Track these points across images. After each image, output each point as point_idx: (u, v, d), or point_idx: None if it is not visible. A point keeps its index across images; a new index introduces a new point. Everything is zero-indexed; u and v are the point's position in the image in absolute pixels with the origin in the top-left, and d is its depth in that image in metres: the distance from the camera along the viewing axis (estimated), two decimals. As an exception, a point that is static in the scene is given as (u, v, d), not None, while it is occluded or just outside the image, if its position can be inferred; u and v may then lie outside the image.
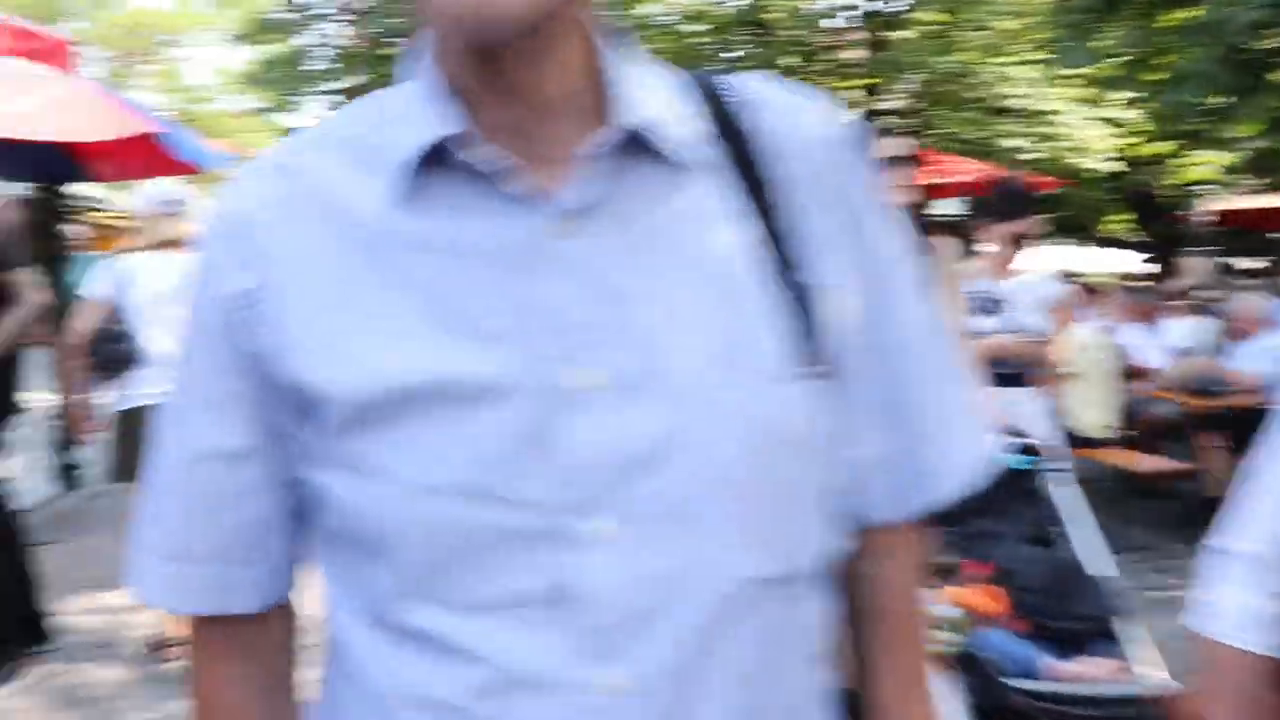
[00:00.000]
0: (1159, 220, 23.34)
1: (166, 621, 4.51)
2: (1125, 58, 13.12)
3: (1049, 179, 15.71)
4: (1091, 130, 16.35)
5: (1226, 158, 17.89)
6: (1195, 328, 7.85)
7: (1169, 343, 7.81)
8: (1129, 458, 6.51)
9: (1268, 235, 22.41)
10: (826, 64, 17.90)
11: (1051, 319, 7.14)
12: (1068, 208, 26.46)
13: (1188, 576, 5.41)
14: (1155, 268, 33.70)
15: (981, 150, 16.14)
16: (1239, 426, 6.66)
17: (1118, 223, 27.78)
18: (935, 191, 15.56)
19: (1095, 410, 6.50)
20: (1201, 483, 6.49)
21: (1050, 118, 16.12)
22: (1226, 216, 17.99)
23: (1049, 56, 15.90)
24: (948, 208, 15.53)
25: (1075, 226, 27.82)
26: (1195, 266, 16.87)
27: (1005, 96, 16.03)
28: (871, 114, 17.83)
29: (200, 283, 0.96)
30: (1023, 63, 16.07)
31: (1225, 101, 11.31)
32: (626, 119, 0.90)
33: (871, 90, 18.16)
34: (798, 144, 1.00)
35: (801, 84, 1.10)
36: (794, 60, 18.13)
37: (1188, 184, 21.69)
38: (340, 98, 19.81)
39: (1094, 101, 16.45)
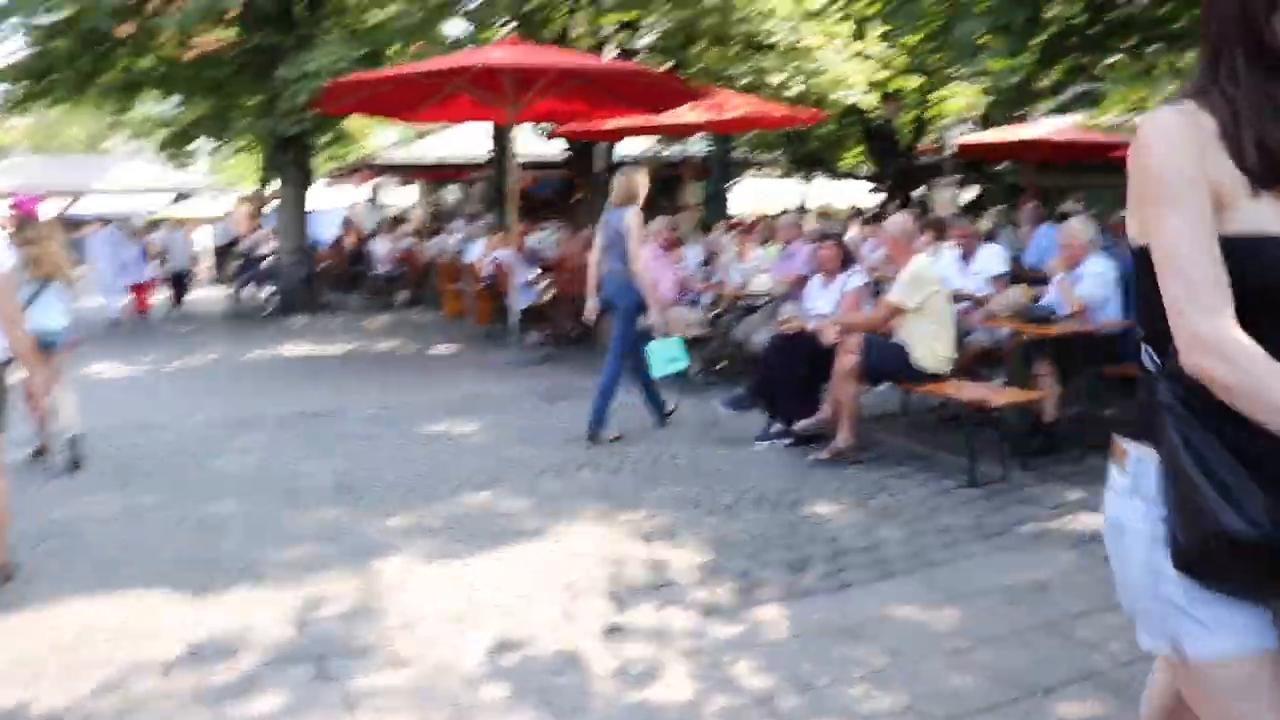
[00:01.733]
0: (895, 155, 24.75)
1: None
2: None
3: (810, 113, 16.36)
4: (850, 65, 17.09)
5: (974, 90, 19.22)
6: (998, 255, 8.45)
7: (980, 270, 8.35)
8: (963, 389, 6.95)
9: (995, 167, 24.29)
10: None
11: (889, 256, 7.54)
12: (808, 143, 27.73)
13: (1042, 507, 5.79)
14: (879, 199, 35.85)
15: (744, 86, 16.56)
16: (1068, 352, 7.24)
17: (854, 157, 29.31)
18: (717, 126, 15.93)
19: (940, 344, 6.91)
20: (1040, 409, 7.02)
21: (811, 53, 16.72)
22: (963, 150, 19.31)
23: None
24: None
25: (813, 161, 29.16)
26: (945, 197, 18.09)
27: (766, 32, 16.47)
28: (627, 52, 17.94)
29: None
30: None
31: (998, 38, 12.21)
32: None
33: (628, 25, 18.26)
34: None
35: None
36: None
37: (939, 118, 23.30)
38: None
39: (853, 37, 17.19)
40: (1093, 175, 25.12)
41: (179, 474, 7.18)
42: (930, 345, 6.96)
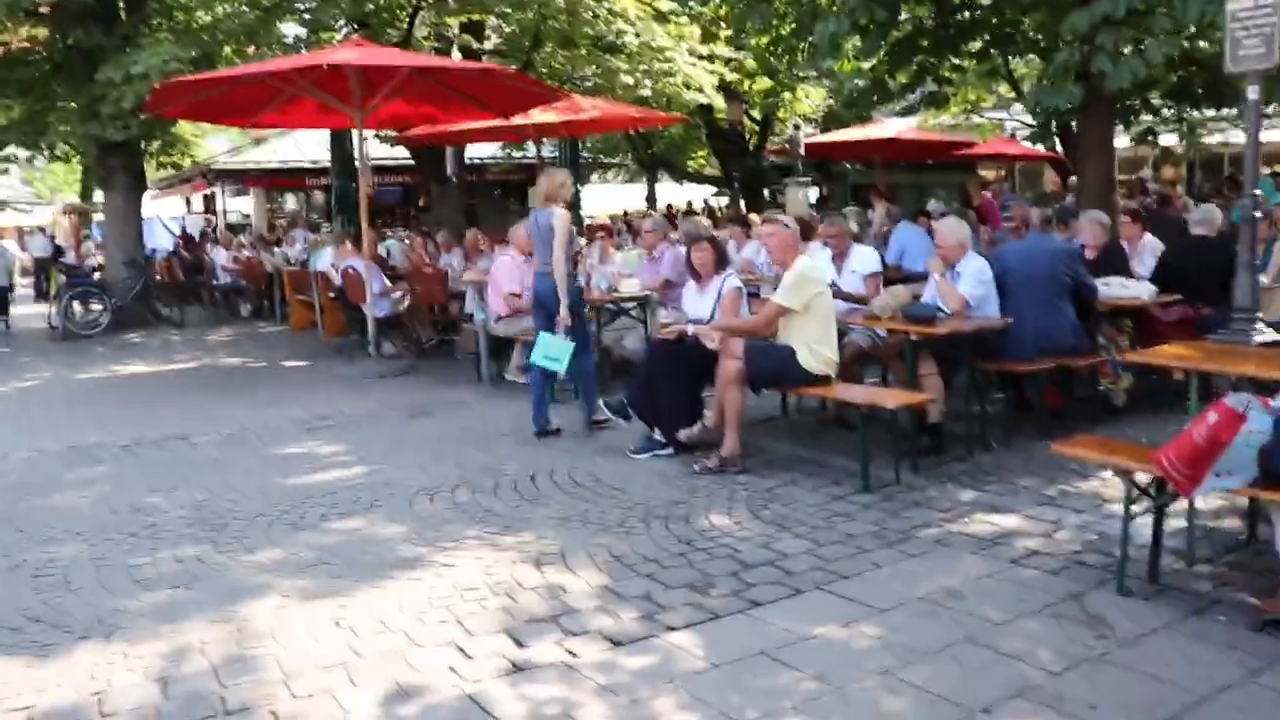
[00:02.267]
0: (742, 156, 24.87)
1: None
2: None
3: (666, 115, 16.20)
4: (699, 68, 17.01)
5: (820, 92, 19.44)
6: (872, 254, 8.34)
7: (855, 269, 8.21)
8: (853, 392, 6.80)
9: (837, 168, 24.63)
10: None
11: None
12: (655, 145, 27.70)
13: (944, 512, 5.65)
14: (723, 200, 36.18)
15: (595, 89, 16.32)
16: (951, 351, 7.15)
17: (699, 159, 29.41)
18: (571, 128, 15.60)
19: (825, 346, 6.73)
20: (925, 410, 6.90)
21: (660, 55, 16.57)
22: (810, 150, 19.46)
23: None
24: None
25: (659, 163, 29.13)
26: (798, 197, 18.17)
27: (615, 33, 16.25)
28: (472, 54, 17.46)
29: None
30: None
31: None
32: None
33: (470, 28, 17.78)
34: None
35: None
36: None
37: (784, 120, 23.48)
38: None
39: (701, 40, 17.14)
40: (930, 174, 25.77)
41: (11, 514, 6.48)
42: (815, 348, 6.77)
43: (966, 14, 12.32)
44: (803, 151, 18.44)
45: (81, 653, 4.37)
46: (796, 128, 18.60)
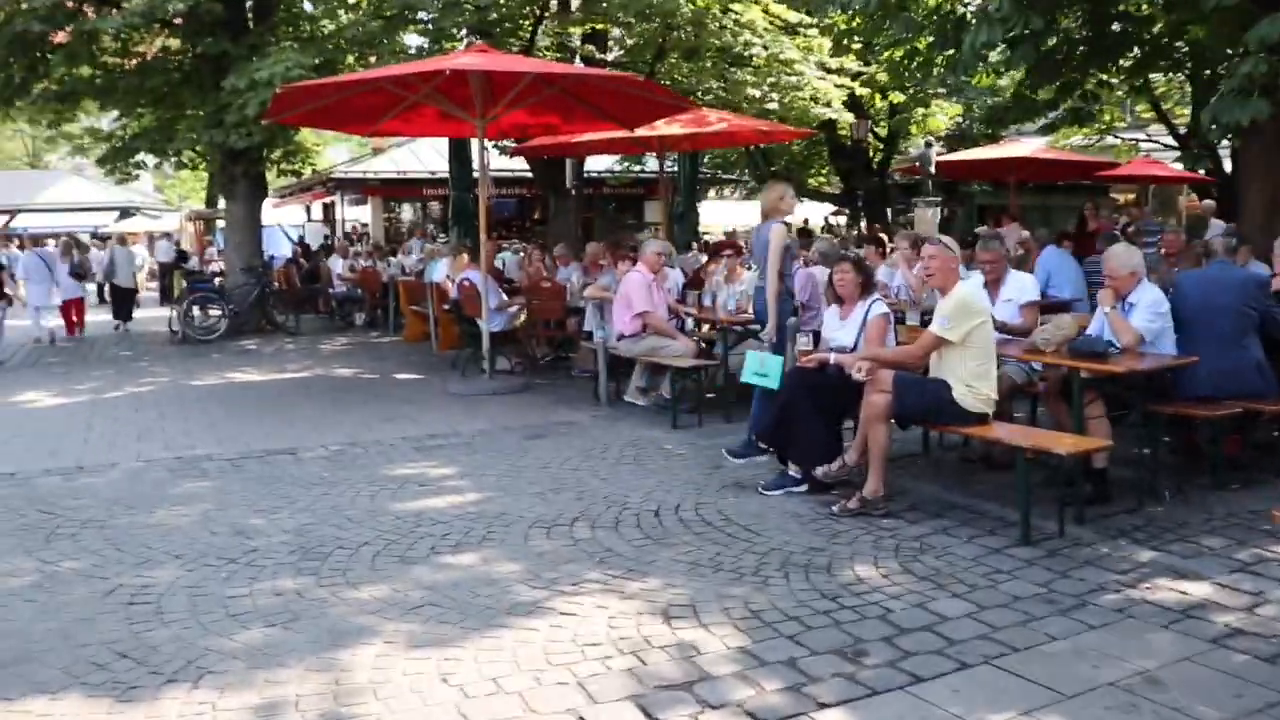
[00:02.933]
0: (866, 174, 24.10)
1: None
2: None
3: (792, 130, 15.60)
4: (829, 81, 16.39)
5: (956, 108, 18.62)
6: (1030, 281, 7.63)
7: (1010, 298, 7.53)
8: (1018, 435, 6.13)
9: (961, 187, 23.73)
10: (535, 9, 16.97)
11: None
12: (776, 162, 27.06)
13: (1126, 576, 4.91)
14: (841, 219, 35.37)
15: (719, 102, 15.79)
16: (1122, 390, 6.44)
17: (821, 176, 28.68)
18: (699, 141, 15.10)
19: (983, 382, 6.08)
20: (1090, 456, 6.19)
21: (789, 68, 15.98)
22: (941, 169, 18.64)
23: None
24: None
25: (779, 179, 28.51)
26: (927, 217, 17.41)
27: (743, 44, 15.71)
28: (591, 63, 17.09)
29: None
30: (763, 10, 15.82)
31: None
32: None
33: (592, 38, 17.42)
34: None
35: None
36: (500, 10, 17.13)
37: (910, 137, 22.73)
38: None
39: (832, 52, 16.51)
40: (1059, 195, 24.72)
41: (110, 531, 6.16)
42: (973, 384, 6.11)
43: (1118, 25, 11.52)
44: (933, 170, 17.65)
45: (168, 699, 3.95)
46: (928, 144, 17.83)
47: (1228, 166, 17.09)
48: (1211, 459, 6.89)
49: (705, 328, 10.59)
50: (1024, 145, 18.51)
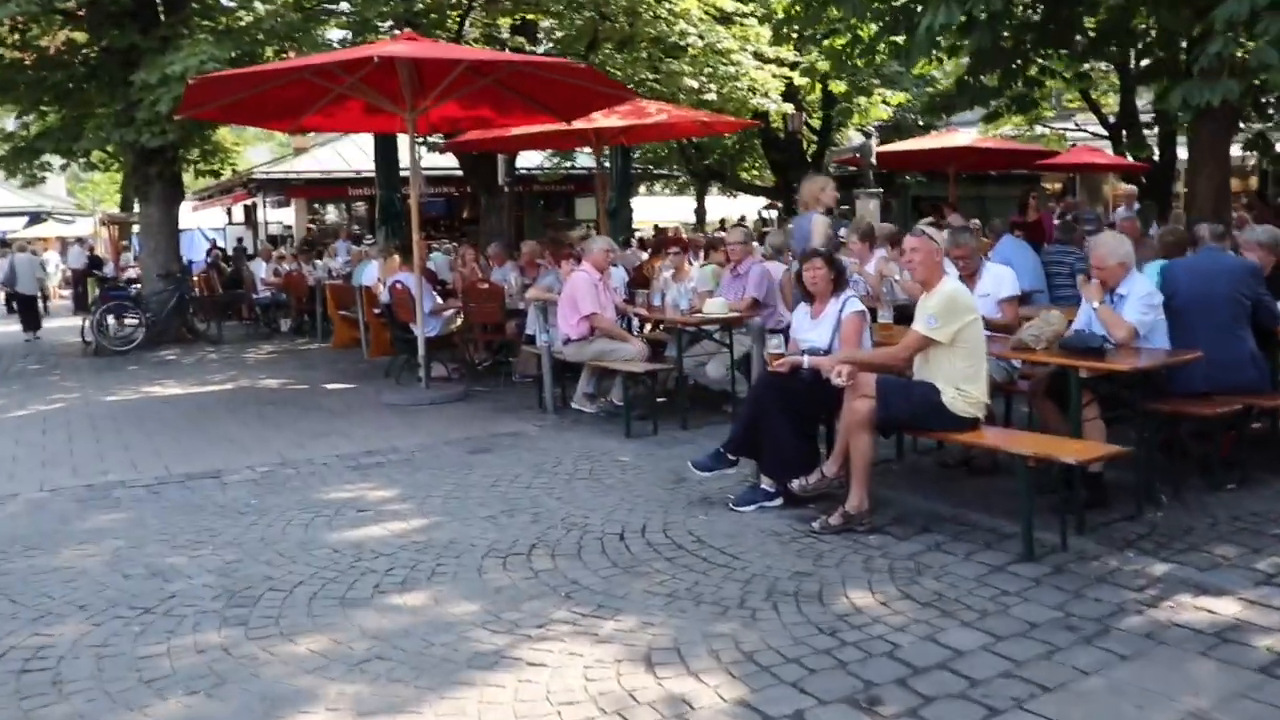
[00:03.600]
0: (800, 165, 23.70)
1: None
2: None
3: (733, 121, 15.09)
4: (766, 71, 15.90)
5: (900, 97, 18.23)
6: (1009, 275, 7.15)
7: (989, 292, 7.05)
8: (1020, 441, 5.63)
9: (895, 178, 23.44)
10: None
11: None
12: (708, 155, 26.56)
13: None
14: (773, 213, 35.03)
15: (655, 94, 15.23)
16: (1116, 388, 5.99)
17: (755, 170, 28.25)
18: (638, 134, 14.51)
19: (974, 385, 5.58)
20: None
21: (726, 58, 15.47)
22: (882, 160, 18.26)
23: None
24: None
25: (712, 174, 27.96)
26: (869, 209, 17.00)
27: (678, 34, 15.15)
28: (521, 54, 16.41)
29: None
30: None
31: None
32: None
33: (521, 29, 16.75)
34: None
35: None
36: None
37: (843, 129, 22.34)
38: None
39: (771, 41, 16.01)
40: (993, 185, 24.55)
41: (4, 579, 5.41)
42: (963, 387, 5.61)
43: (1069, 8, 11.12)
44: (874, 161, 17.25)
45: (68, 798, 3.28)
46: (868, 135, 17.41)
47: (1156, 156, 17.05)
48: (1205, 459, 6.47)
49: (650, 328, 10.05)
50: (962, 135, 18.23)
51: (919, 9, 9.95)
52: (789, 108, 17.47)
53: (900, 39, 11.66)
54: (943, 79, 19.93)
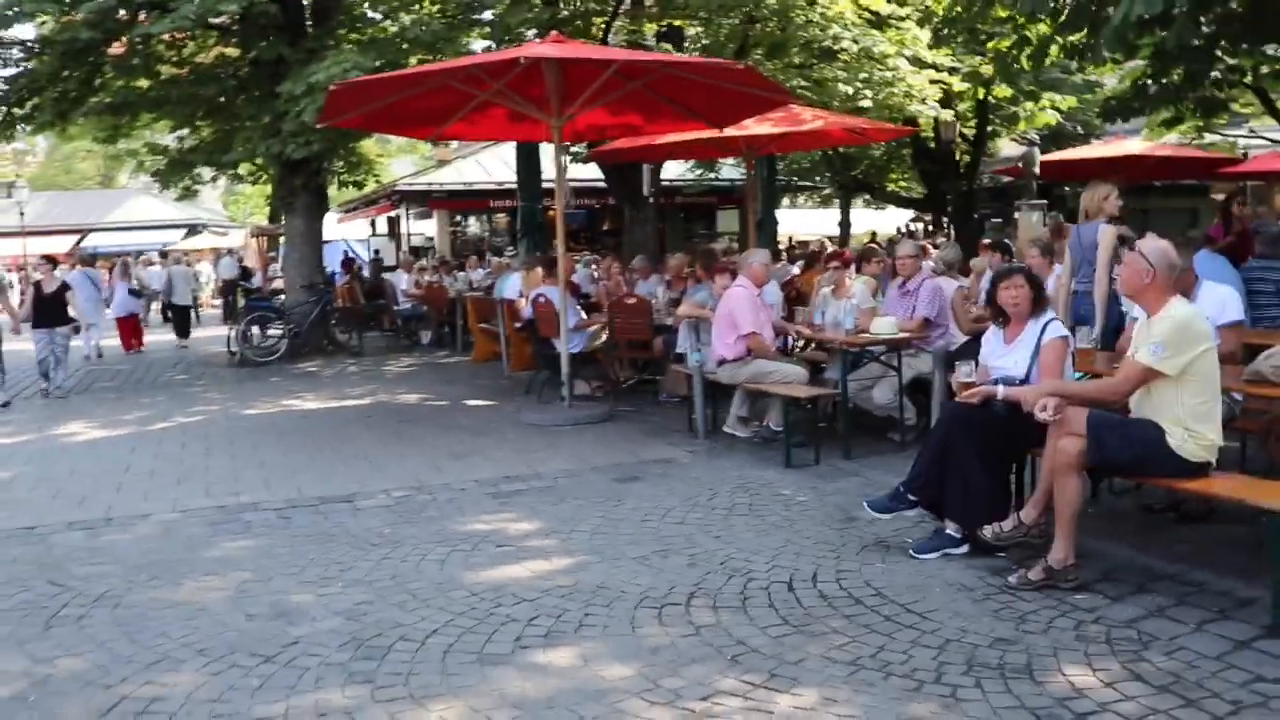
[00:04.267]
0: (955, 177, 22.64)
1: None
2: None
3: (891, 128, 14.29)
4: (924, 76, 15.03)
5: (1069, 101, 17.16)
6: (1232, 297, 6.27)
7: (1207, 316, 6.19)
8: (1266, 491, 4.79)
9: (1054, 190, 22.18)
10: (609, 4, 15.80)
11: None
12: (856, 165, 25.64)
13: None
14: (918, 226, 33.83)
15: (807, 101, 14.49)
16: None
17: (903, 181, 27.22)
18: (792, 141, 13.86)
19: (1207, 425, 4.77)
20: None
21: (882, 63, 14.66)
22: (1045, 170, 17.18)
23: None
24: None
25: (858, 185, 26.99)
26: (1032, 221, 15.97)
27: (832, 38, 14.40)
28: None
29: None
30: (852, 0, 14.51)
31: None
32: None
33: (668, 35, 16.21)
34: None
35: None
36: (571, 6, 15.99)
37: (999, 138, 21.28)
38: None
39: (931, 43, 15.16)
40: (1156, 197, 23.07)
41: (125, 612, 5.04)
42: (1193, 428, 4.80)
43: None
44: (1037, 170, 16.20)
45: None
46: (1032, 143, 16.38)
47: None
48: None
49: (804, 347, 9.38)
50: (1130, 143, 17.06)
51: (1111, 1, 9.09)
52: (948, 114, 16.54)
53: (1077, 36, 10.77)
54: (1110, 85, 18.75)
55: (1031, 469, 5.86)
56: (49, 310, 13.05)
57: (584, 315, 10.90)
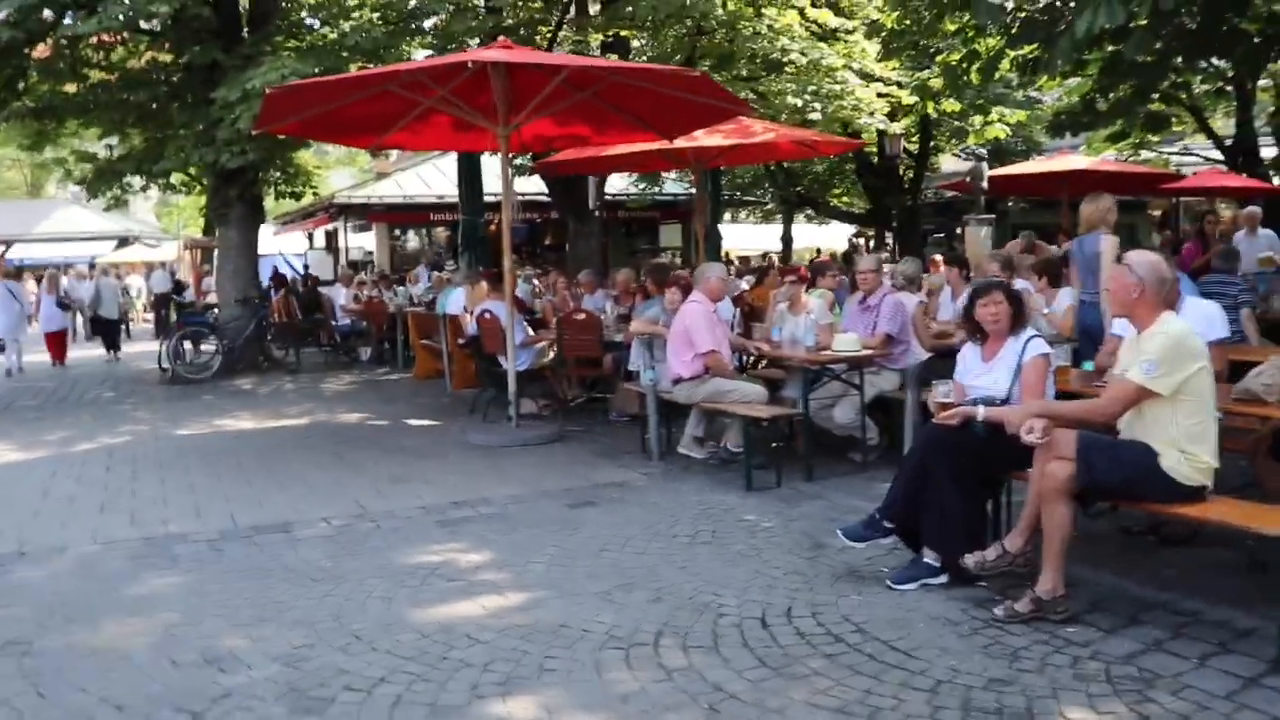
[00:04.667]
0: (899, 192, 22.58)
1: None
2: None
3: (842, 141, 14.08)
4: (872, 90, 14.87)
5: (1019, 115, 17.09)
6: (1217, 312, 6.05)
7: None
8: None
9: (998, 205, 22.18)
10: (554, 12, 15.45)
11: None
12: (800, 180, 25.51)
13: None
14: (859, 241, 33.85)
15: (757, 111, 14.25)
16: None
17: (846, 197, 27.14)
18: (742, 154, 13.58)
19: (1202, 445, 4.52)
20: None
21: (831, 75, 14.47)
22: (994, 185, 17.09)
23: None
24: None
25: (802, 200, 26.84)
26: (979, 236, 15.85)
27: (781, 50, 14.18)
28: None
29: None
30: (799, 14, 14.32)
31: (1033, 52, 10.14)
32: None
33: (613, 46, 15.90)
34: None
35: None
36: (516, 15, 15.62)
37: (939, 154, 21.24)
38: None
39: (880, 56, 15.00)
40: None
41: (37, 661, 4.55)
42: (1188, 450, 4.53)
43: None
44: (985, 185, 16.10)
45: None
46: (980, 158, 16.28)
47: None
48: None
49: (757, 365, 9.09)
50: (1075, 159, 17.05)
51: (1067, 13, 8.92)
52: (896, 127, 16.41)
53: (1029, 49, 10.62)
54: (1049, 102, 18.77)
55: (1009, 493, 5.58)
56: None
57: (530, 331, 10.51)
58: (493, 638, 4.62)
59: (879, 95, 15.39)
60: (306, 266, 25.97)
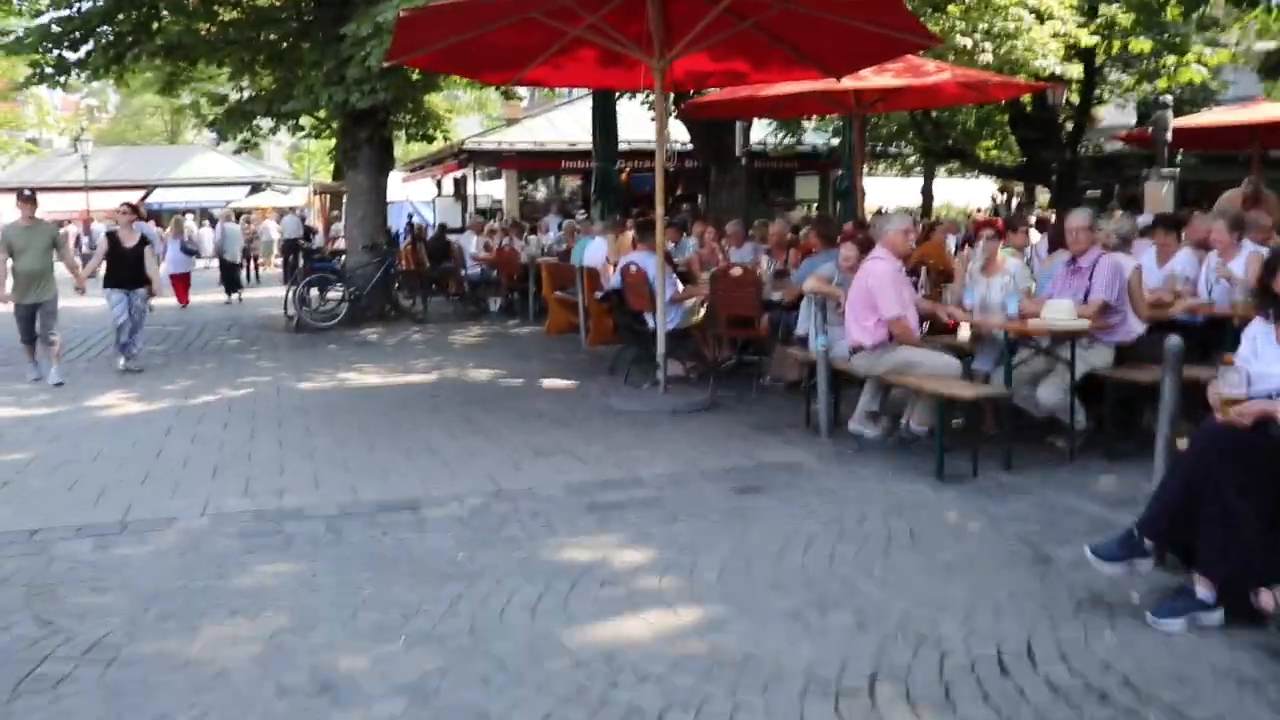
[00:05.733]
0: (1057, 146, 20.91)
1: None
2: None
3: (1024, 84, 12.75)
4: (1048, 28, 13.46)
5: (1220, 55, 15.46)
6: None
7: None
8: None
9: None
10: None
11: None
12: (948, 132, 23.90)
13: None
14: (1002, 198, 31.97)
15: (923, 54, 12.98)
16: None
17: (993, 148, 25.43)
18: (912, 97, 12.40)
19: None
20: None
21: (1004, 13, 13.11)
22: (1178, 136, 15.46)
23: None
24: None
25: (950, 153, 25.21)
26: (1161, 192, 14.40)
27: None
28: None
29: None
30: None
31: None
32: None
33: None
34: None
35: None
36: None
37: (1109, 104, 19.58)
38: None
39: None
40: (1272, 170, 21.20)
41: (119, 674, 3.81)
42: None
43: None
44: (1169, 136, 14.54)
45: None
46: (1164, 106, 14.68)
47: None
48: None
49: (939, 332, 7.99)
50: (1271, 107, 15.38)
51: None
52: (1075, 70, 14.93)
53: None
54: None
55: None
56: (126, 268, 11.12)
57: (680, 286, 9.56)
58: (665, 671, 3.71)
59: (1053, 35, 13.95)
60: (411, 216, 25.48)
